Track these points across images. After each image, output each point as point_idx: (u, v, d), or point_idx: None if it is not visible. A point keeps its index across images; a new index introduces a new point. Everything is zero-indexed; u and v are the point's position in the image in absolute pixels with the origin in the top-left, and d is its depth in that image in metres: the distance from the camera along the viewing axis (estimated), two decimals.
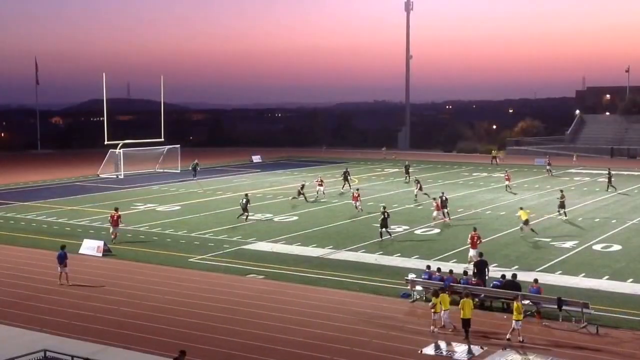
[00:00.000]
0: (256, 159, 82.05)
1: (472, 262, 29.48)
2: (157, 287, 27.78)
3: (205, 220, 42.63)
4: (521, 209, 39.21)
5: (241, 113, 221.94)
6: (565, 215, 42.08)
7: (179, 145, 72.24)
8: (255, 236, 37.46)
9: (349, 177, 56.55)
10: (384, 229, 36.18)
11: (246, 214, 41.83)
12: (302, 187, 49.87)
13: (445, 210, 41.93)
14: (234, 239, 37.01)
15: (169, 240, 36.91)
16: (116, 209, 37.60)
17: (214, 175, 66.91)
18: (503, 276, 25.79)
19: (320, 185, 51.52)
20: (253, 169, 73.89)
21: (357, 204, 44.67)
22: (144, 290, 27.36)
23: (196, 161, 65.67)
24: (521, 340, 21.53)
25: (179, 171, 68.74)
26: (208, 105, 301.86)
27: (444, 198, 42.49)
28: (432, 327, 22.47)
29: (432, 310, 22.52)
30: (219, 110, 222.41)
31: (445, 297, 22.70)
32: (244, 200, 42.36)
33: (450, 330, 22.47)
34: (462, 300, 22.26)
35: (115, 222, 36.39)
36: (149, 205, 48.83)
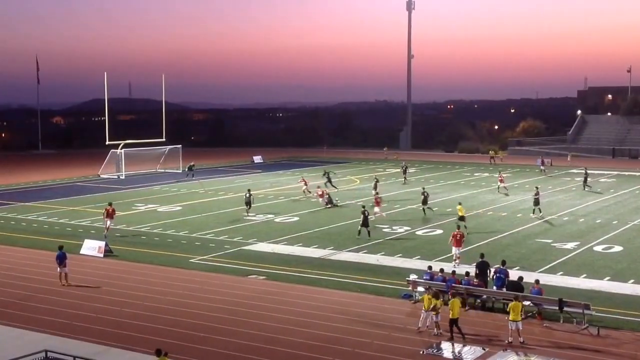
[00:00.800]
0: (257, 159, 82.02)
1: (457, 261, 30.63)
2: (158, 287, 27.78)
3: (207, 220, 42.65)
4: (460, 204, 40.15)
5: (243, 113, 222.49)
6: (533, 213, 42.90)
7: (180, 145, 72.25)
8: (256, 237, 37.47)
9: (330, 178, 56.77)
10: (364, 227, 36.75)
11: (248, 208, 43.60)
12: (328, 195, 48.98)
13: (426, 207, 43.90)
14: (235, 239, 37.01)
15: (170, 240, 36.92)
16: (110, 204, 38.80)
17: (216, 176, 66.94)
18: (503, 262, 26.69)
19: (306, 184, 52.44)
20: (254, 169, 73.91)
21: (320, 200, 47.51)
22: (145, 290, 27.37)
23: (192, 163, 65.81)
24: (522, 341, 21.52)
25: (180, 171, 68.76)
26: (209, 105, 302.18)
27: (425, 194, 44.30)
28: (434, 329, 22.44)
29: (433, 312, 22.46)
30: (220, 110, 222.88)
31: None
32: (248, 195, 44.06)
33: (417, 328, 22.56)
34: (451, 301, 22.26)
35: (110, 215, 37.45)
36: (150, 205, 48.83)
